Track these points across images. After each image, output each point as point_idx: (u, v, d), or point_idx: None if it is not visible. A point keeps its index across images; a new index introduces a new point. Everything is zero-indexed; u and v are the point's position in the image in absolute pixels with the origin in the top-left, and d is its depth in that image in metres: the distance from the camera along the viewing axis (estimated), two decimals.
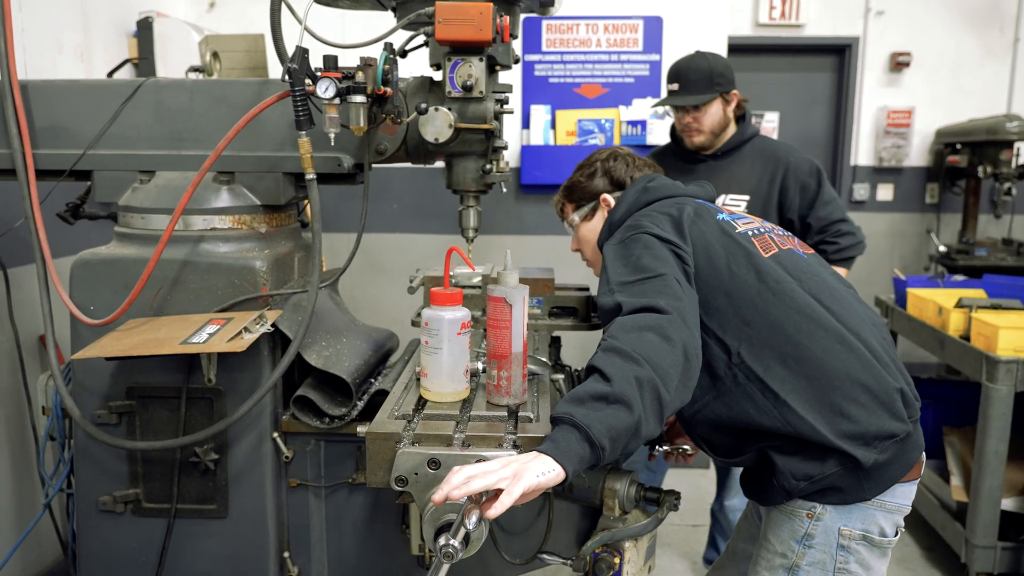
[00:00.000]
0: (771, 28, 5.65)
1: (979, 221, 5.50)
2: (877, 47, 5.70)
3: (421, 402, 1.51)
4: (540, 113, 4.04)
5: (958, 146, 5.38)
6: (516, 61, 2.11)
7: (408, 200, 4.22)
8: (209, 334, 1.68)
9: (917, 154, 5.78)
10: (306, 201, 2.04)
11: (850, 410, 1.49)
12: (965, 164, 5.30)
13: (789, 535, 1.59)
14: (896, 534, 1.59)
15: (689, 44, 4.05)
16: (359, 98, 1.66)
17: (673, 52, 4.06)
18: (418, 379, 1.54)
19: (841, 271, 2.72)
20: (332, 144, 1.70)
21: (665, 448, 2.02)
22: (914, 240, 5.83)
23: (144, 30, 3.50)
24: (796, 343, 1.52)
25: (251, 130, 1.83)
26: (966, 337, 3.08)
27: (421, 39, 1.95)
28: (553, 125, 4.06)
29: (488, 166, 1.90)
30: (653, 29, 4.02)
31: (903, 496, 1.57)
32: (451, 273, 2.05)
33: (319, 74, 1.65)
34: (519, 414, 1.45)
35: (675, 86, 2.70)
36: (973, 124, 5.27)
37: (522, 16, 2.14)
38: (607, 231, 1.82)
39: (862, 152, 5.79)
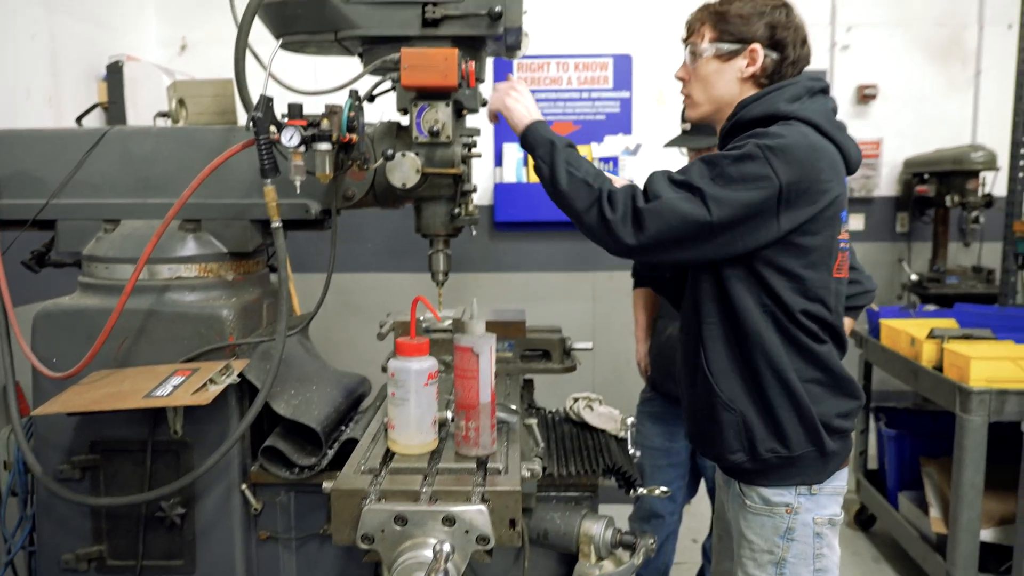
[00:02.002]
0: None
1: (949, 249, 5.57)
2: (844, 80, 5.80)
3: (388, 455, 1.49)
4: (512, 151, 4.06)
5: (926, 176, 5.46)
6: (483, 104, 2.12)
7: (381, 240, 4.21)
8: (174, 386, 1.64)
9: (886, 184, 5.86)
10: None
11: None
12: (933, 193, 5.37)
13: (772, 532, 1.69)
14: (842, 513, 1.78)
15: (659, 81, 4.12)
16: (324, 146, 1.65)
17: (643, 89, 4.12)
18: (386, 430, 1.52)
19: (846, 321, 2.58)
20: (299, 191, 1.68)
21: (642, 490, 2.00)
22: (886, 269, 5.89)
23: (114, 74, 3.49)
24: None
25: (217, 177, 1.81)
26: (939, 367, 3.09)
27: (388, 84, 1.95)
28: (526, 162, 4.08)
29: (457, 210, 1.90)
30: (623, 67, 4.07)
31: (843, 479, 1.76)
32: (421, 318, 2.04)
33: (284, 122, 1.64)
34: (488, 465, 1.43)
35: (687, 125, 2.56)
36: (939, 154, 5.36)
37: (490, 59, 2.15)
38: (763, 107, 1.66)
39: None
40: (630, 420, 2.04)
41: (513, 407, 1.64)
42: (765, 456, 1.67)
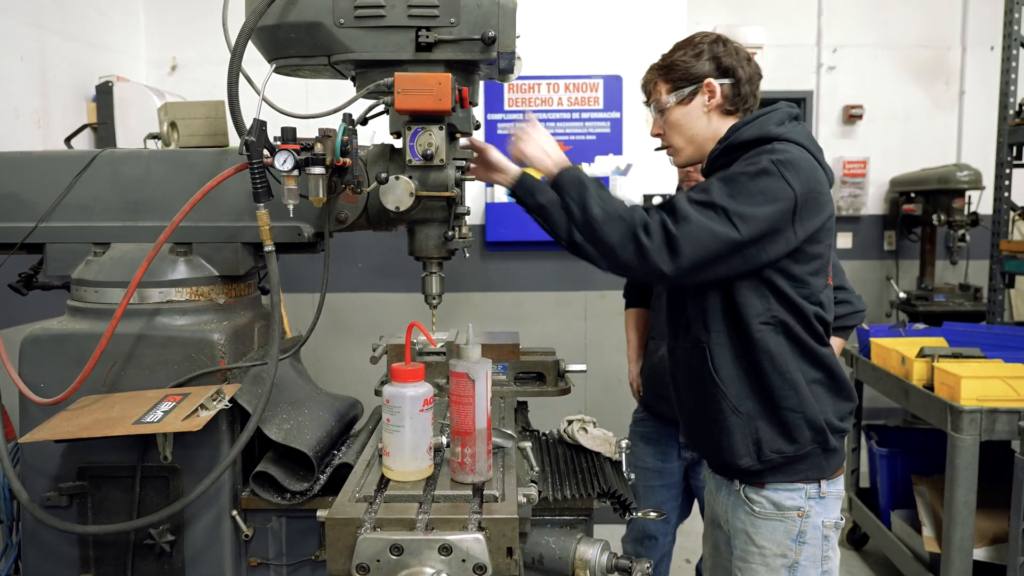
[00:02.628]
0: None
1: (936, 267, 5.63)
2: (830, 100, 5.88)
3: (383, 482, 1.47)
4: None
5: (912, 195, 5.53)
6: (477, 127, 2.12)
7: (372, 259, 4.20)
8: (164, 412, 1.62)
9: (873, 202, 5.92)
10: None
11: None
12: (920, 212, 5.44)
13: (784, 536, 1.76)
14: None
15: None
16: (318, 169, 1.64)
17: (633, 110, 4.15)
18: (380, 456, 1.50)
19: (837, 341, 2.56)
20: (291, 215, 1.68)
21: (638, 513, 1.99)
22: (875, 286, 5.94)
23: (104, 94, 3.48)
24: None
25: (209, 200, 1.81)
26: (930, 386, 3.11)
27: (381, 107, 1.95)
28: None
29: (450, 233, 1.89)
30: (613, 88, 4.10)
31: (842, 484, 1.85)
32: (415, 340, 2.03)
33: (277, 146, 1.64)
34: (484, 492, 1.41)
35: None
36: (925, 173, 5.42)
37: (482, 82, 2.16)
38: (755, 130, 1.77)
39: None
40: (624, 442, 2.03)
41: (508, 432, 1.63)
42: (770, 457, 1.74)
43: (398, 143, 1.89)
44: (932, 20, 5.83)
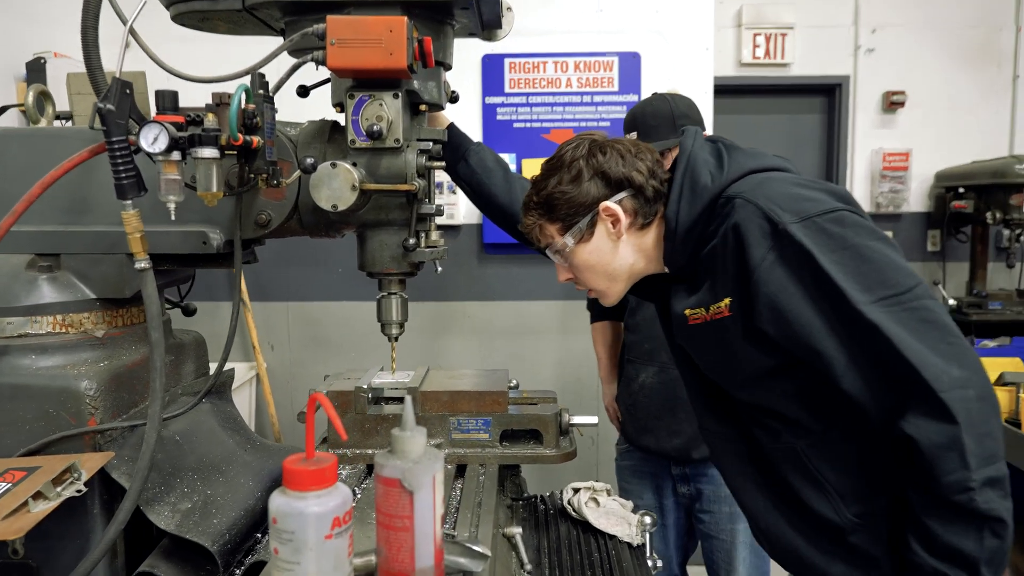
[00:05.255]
0: (755, 67, 5.28)
1: (988, 270, 5.08)
2: (869, 86, 5.34)
3: None
4: (506, 160, 3.55)
5: (961, 190, 4.97)
6: (454, 99, 1.62)
7: (354, 263, 3.68)
8: None
9: (916, 199, 5.37)
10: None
11: None
12: (971, 209, 4.88)
13: None
14: None
15: (670, 83, 3.61)
16: (208, 152, 1.14)
17: (652, 92, 3.62)
18: None
19: None
20: (173, 216, 1.17)
21: None
22: None
23: (35, 72, 3.00)
24: None
25: (81, 198, 1.33)
26: (1015, 422, 2.57)
27: (326, 72, 1.45)
28: (519, 171, 3.57)
29: (412, 240, 1.39)
30: (630, 67, 3.57)
31: None
32: (366, 385, 1.53)
33: (151, 118, 1.14)
34: None
35: (633, 134, 2.35)
36: (977, 166, 4.88)
37: (459, 40, 1.65)
38: (683, 238, 1.36)
39: (857, 197, 5.32)
40: (648, 519, 1.53)
41: (478, 548, 1.10)
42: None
43: (342, 118, 1.39)
44: None
